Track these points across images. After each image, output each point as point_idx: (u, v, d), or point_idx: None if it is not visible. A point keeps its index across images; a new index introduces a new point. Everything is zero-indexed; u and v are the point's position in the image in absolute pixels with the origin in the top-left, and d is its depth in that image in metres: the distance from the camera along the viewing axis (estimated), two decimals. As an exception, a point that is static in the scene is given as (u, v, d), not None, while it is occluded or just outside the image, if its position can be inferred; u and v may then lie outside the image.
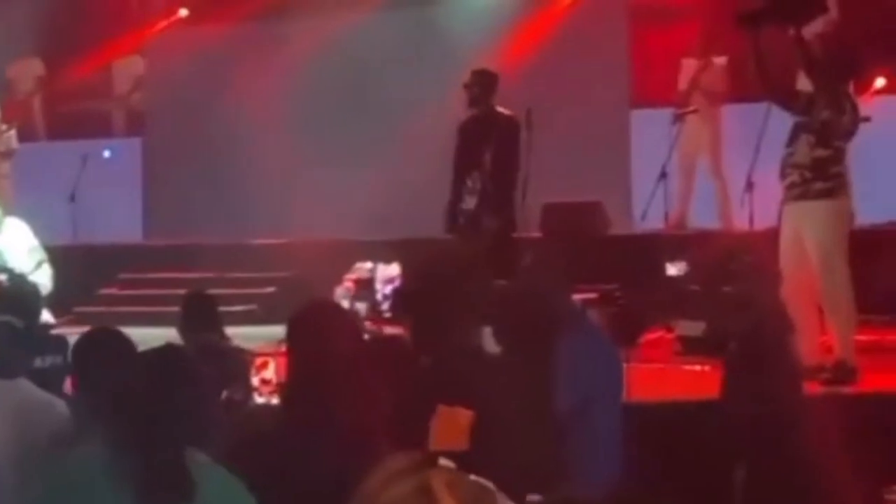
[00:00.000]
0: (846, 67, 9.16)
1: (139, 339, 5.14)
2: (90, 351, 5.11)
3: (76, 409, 5.09)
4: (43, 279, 8.88)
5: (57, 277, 9.38)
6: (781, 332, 6.92)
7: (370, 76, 15.38)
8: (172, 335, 7.32)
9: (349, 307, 10.72)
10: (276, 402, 6.85)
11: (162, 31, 17.39)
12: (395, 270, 12.63)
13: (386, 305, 12.43)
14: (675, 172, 12.43)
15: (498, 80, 11.26)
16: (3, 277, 8.44)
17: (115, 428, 3.77)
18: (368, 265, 12.64)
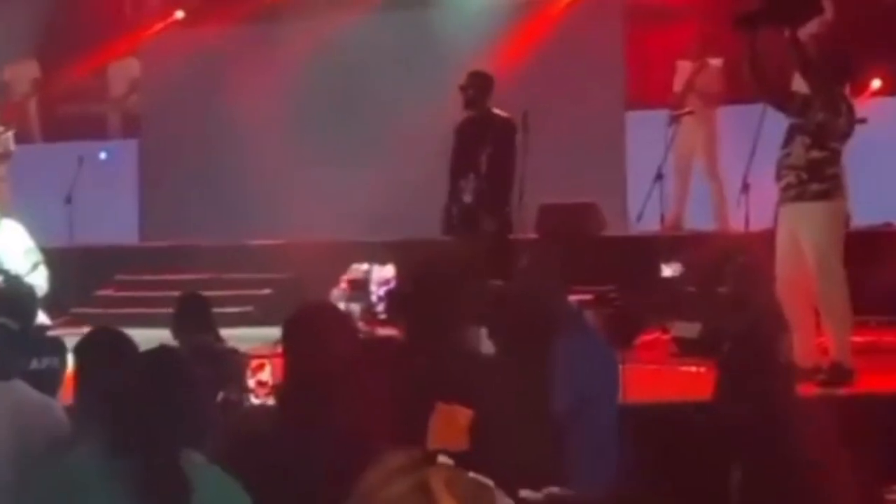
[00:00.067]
0: (842, 69, 9.16)
1: (135, 340, 5.14)
2: (91, 351, 5.10)
3: (76, 409, 5.09)
4: (39, 281, 8.88)
5: (53, 279, 9.39)
6: (775, 332, 6.92)
7: (366, 78, 15.38)
8: (169, 337, 7.33)
9: (345, 308, 10.70)
10: (272, 403, 6.84)
11: (158, 33, 17.37)
12: (389, 272, 12.63)
13: (381, 307, 12.44)
14: (670, 174, 12.42)
15: (494, 81, 11.25)
16: (-1, 279, 8.45)
17: (110, 429, 3.77)
18: (364, 266, 12.65)
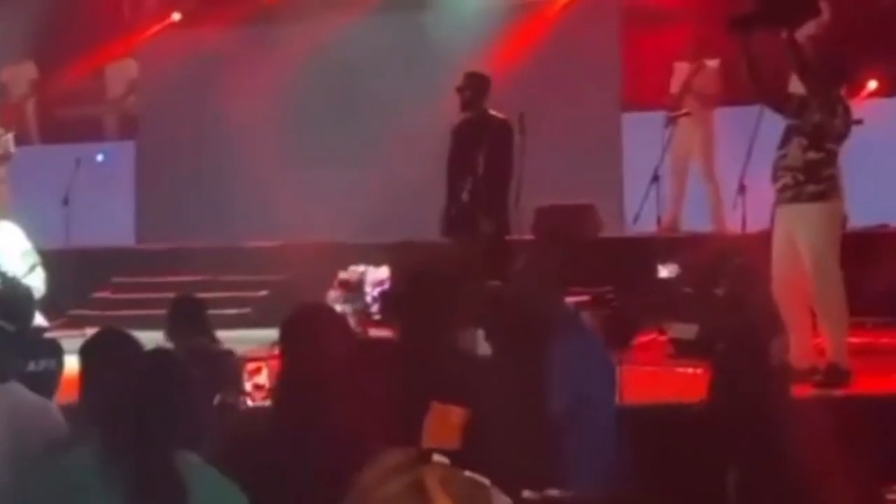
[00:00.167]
0: (838, 70, 9.15)
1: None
2: (96, 353, 5.09)
3: (80, 410, 5.08)
4: (36, 283, 8.87)
5: (50, 281, 9.38)
6: (769, 333, 6.93)
7: (362, 80, 15.37)
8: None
9: (340, 310, 10.71)
10: (269, 405, 6.85)
11: (155, 34, 17.36)
12: (384, 273, 12.63)
13: (375, 308, 12.45)
14: (667, 175, 12.42)
15: (490, 83, 11.26)
16: (-4, 281, 8.45)
17: (107, 431, 3.77)
18: (360, 268, 12.65)
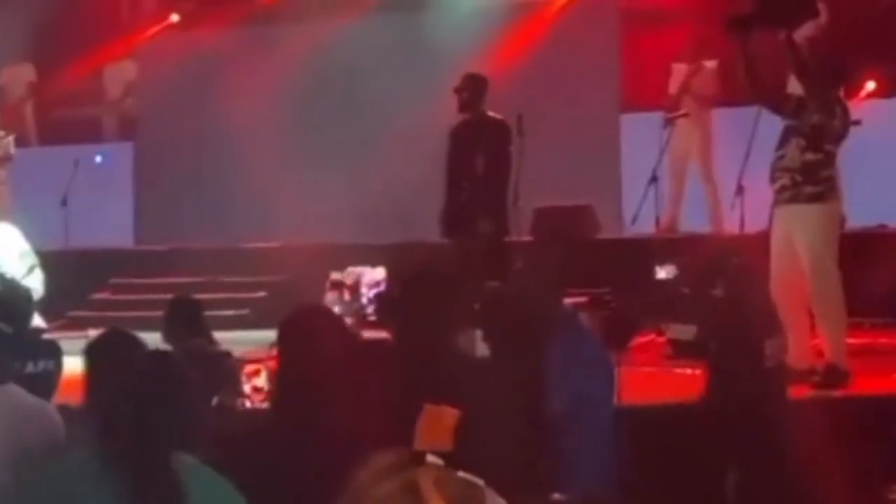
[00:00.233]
0: (836, 71, 9.15)
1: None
2: (99, 353, 5.09)
3: (84, 411, 5.07)
4: (35, 284, 8.87)
5: (49, 282, 9.38)
6: (764, 333, 6.92)
7: (360, 81, 15.37)
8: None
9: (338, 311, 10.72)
10: (266, 406, 6.85)
11: (153, 36, 17.37)
12: (380, 274, 12.64)
13: (371, 309, 12.46)
14: (665, 176, 12.42)
15: (488, 84, 11.26)
16: (-6, 282, 8.42)
17: (106, 432, 3.77)
18: (357, 270, 12.66)
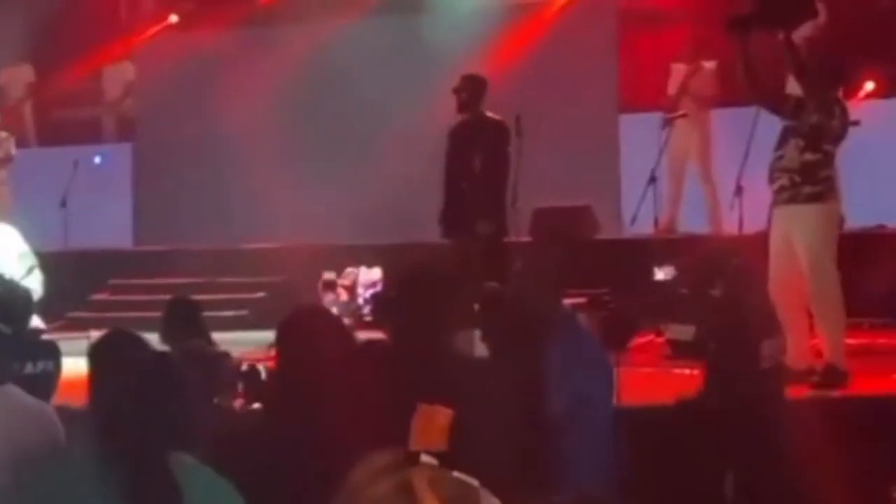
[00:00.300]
0: (835, 72, 9.14)
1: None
2: (99, 354, 5.09)
3: (88, 412, 5.07)
4: (34, 285, 8.86)
5: (48, 283, 9.38)
6: (761, 333, 6.91)
7: (359, 82, 15.36)
8: (164, 341, 7.34)
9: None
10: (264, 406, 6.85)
11: (152, 36, 17.38)
12: (376, 275, 12.65)
13: (367, 310, 12.48)
14: (664, 177, 12.44)
15: (487, 84, 11.26)
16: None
17: (105, 432, 3.77)
18: (355, 270, 12.68)
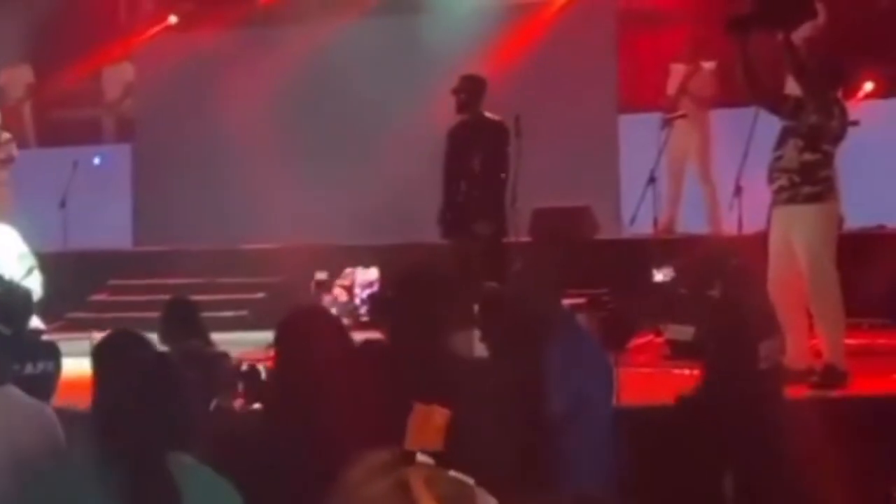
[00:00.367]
0: (835, 72, 9.14)
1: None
2: (101, 354, 5.09)
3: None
4: (34, 285, 8.87)
5: (47, 284, 9.38)
6: (759, 334, 6.91)
7: (358, 82, 15.35)
8: (163, 341, 7.34)
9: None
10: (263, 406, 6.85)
11: (151, 37, 17.38)
12: (373, 275, 12.65)
13: (363, 310, 12.49)
14: (663, 177, 12.44)
15: (486, 85, 11.27)
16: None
17: (105, 433, 3.77)
18: (352, 270, 12.70)
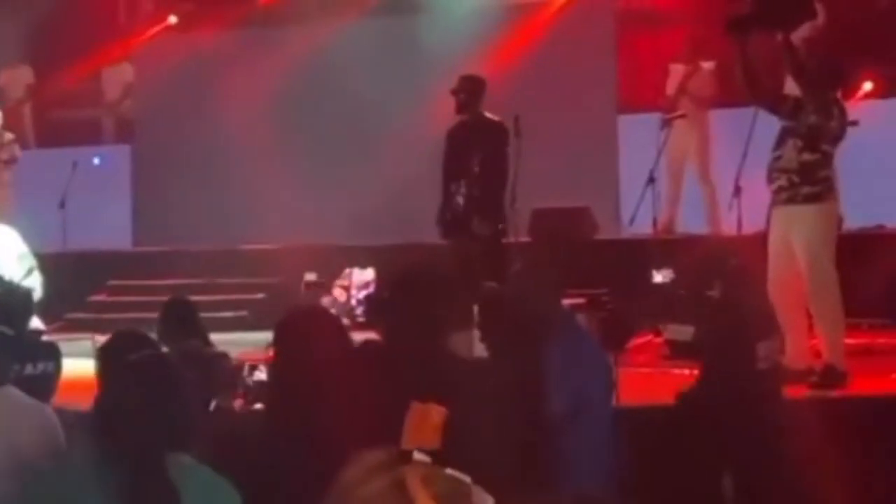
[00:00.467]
0: (834, 72, 9.15)
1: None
2: (103, 355, 5.09)
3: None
4: (33, 286, 8.87)
5: (47, 284, 9.39)
6: (757, 334, 6.91)
7: (358, 83, 15.34)
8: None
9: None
10: (262, 406, 6.85)
11: (151, 38, 17.37)
12: (369, 275, 12.66)
13: (360, 310, 12.50)
14: (663, 177, 12.44)
15: (486, 85, 11.27)
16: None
17: (105, 433, 3.77)
18: (349, 271, 12.71)
